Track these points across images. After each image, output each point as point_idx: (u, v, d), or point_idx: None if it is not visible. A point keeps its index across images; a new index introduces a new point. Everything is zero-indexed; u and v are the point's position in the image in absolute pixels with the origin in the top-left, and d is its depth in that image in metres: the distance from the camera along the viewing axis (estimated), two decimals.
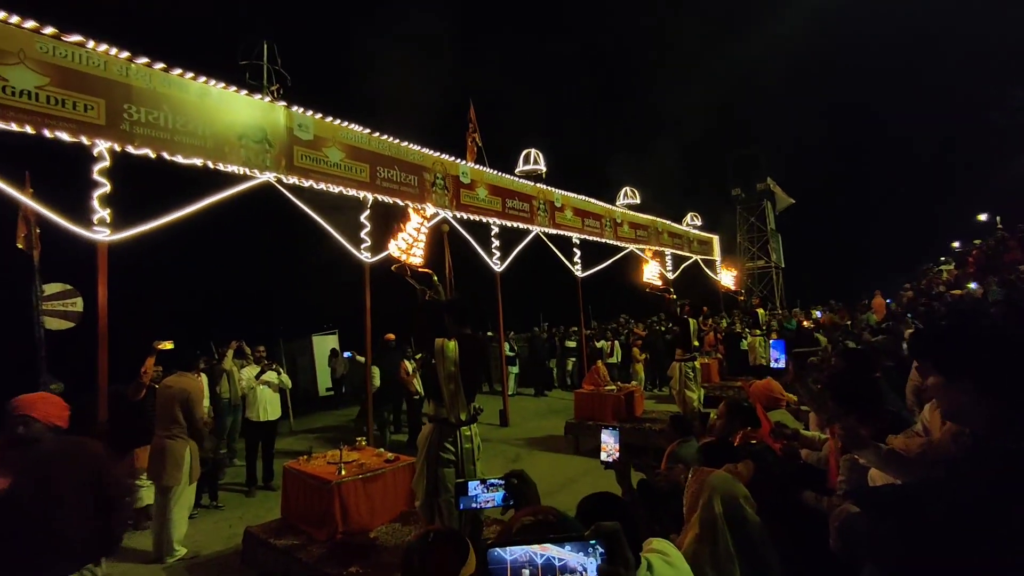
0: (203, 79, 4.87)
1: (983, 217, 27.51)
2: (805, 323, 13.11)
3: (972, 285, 11.52)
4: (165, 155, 4.57)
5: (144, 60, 4.48)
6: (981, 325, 1.16)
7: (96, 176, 4.32)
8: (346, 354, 11.44)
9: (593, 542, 0.83)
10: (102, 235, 4.30)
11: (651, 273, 9.38)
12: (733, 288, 11.90)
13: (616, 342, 12.81)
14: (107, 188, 4.35)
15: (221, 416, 6.48)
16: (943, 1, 26.60)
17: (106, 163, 4.33)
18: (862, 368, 2.52)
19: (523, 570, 0.82)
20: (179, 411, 4.25)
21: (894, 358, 4.51)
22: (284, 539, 3.56)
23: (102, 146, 4.27)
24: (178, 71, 4.69)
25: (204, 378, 5.95)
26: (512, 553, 0.82)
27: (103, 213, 4.32)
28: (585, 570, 0.82)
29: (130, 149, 4.38)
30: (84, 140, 4.17)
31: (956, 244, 24.23)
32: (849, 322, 12.05)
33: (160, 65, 4.58)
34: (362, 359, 7.22)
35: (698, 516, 1.62)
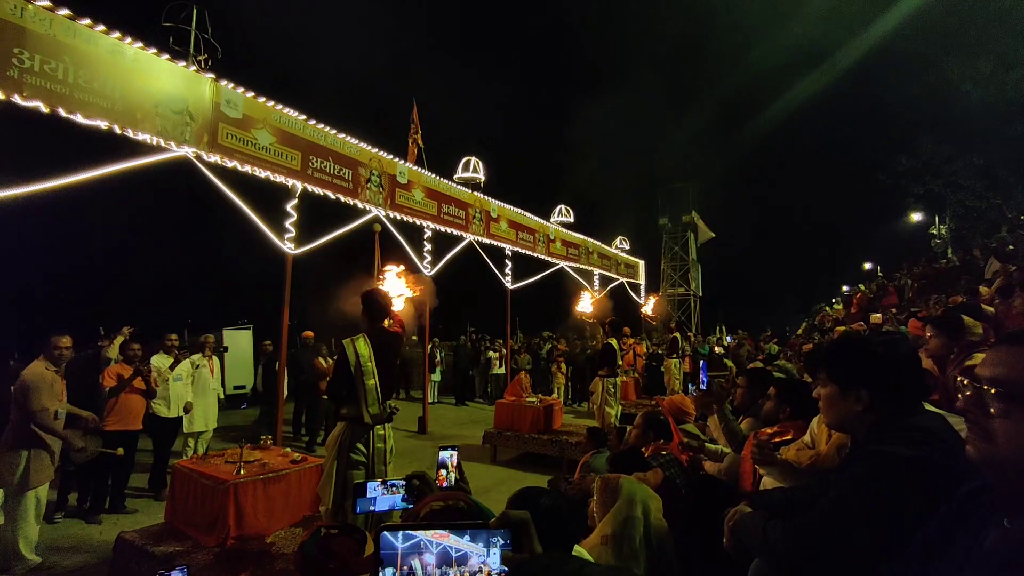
0: (117, 35, 4.40)
1: (868, 265, 31.27)
2: (716, 349, 14.08)
3: (854, 324, 12.95)
4: (61, 111, 4.05)
5: (45, 3, 3.98)
6: (876, 341, 1.26)
7: None
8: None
9: (498, 533, 0.75)
10: None
11: (585, 303, 9.63)
12: (650, 314, 12.61)
13: (528, 355, 12.97)
14: None
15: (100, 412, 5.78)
16: (840, 77, 30.37)
17: None
18: (762, 383, 2.73)
19: (414, 559, 0.74)
20: (15, 403, 3.70)
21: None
22: (165, 546, 3.19)
23: None
24: (87, 21, 4.21)
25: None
26: (407, 539, 0.74)
27: None
28: (485, 562, 0.75)
29: (17, 99, 3.84)
30: None
31: (845, 288, 27.25)
32: (759, 356, 13.10)
33: (65, 11, 4.09)
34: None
35: (611, 517, 1.65)
